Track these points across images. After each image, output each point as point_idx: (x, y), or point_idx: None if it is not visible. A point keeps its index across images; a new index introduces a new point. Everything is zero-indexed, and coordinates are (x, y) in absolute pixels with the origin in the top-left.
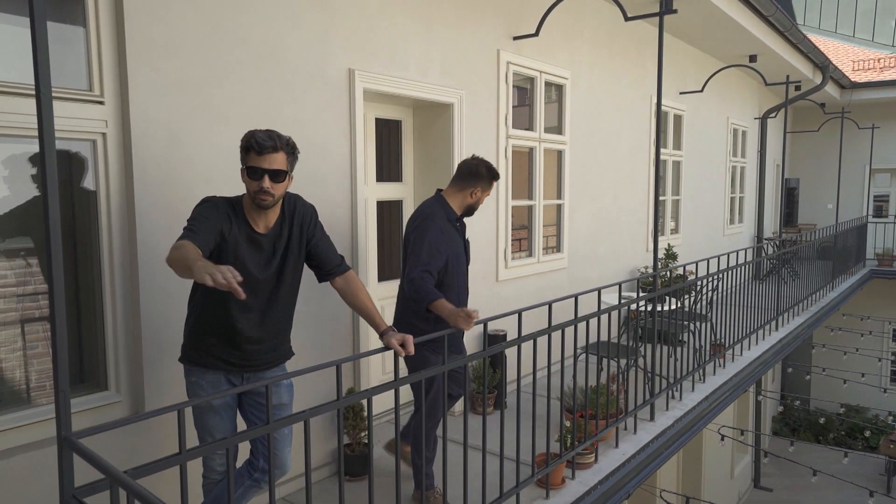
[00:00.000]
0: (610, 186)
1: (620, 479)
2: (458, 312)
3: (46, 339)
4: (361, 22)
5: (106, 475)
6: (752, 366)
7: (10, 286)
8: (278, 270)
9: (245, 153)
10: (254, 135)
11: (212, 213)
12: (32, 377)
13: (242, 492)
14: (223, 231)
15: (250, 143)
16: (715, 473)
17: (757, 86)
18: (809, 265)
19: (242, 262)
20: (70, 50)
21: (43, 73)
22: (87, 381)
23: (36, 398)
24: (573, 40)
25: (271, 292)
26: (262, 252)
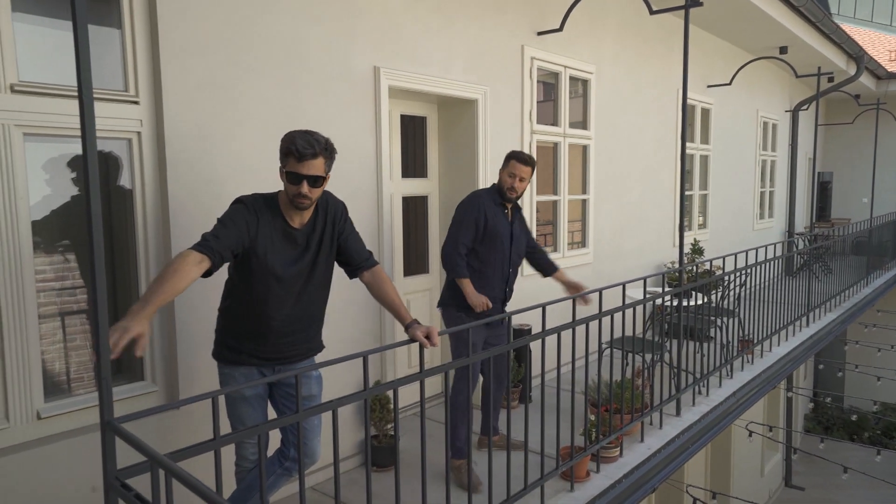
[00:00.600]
0: (636, 181)
1: (645, 473)
2: (479, 298)
3: (84, 332)
4: (385, 19)
5: (147, 457)
6: (781, 362)
7: (49, 281)
8: (311, 265)
9: (285, 157)
10: (294, 141)
11: (240, 217)
12: (72, 368)
13: (274, 480)
14: (251, 232)
15: (291, 150)
16: (744, 471)
17: (788, 77)
18: (843, 260)
19: (267, 249)
20: (107, 52)
21: (85, 76)
22: (124, 372)
23: (75, 388)
24: (598, 34)
25: (303, 287)
26: (297, 247)
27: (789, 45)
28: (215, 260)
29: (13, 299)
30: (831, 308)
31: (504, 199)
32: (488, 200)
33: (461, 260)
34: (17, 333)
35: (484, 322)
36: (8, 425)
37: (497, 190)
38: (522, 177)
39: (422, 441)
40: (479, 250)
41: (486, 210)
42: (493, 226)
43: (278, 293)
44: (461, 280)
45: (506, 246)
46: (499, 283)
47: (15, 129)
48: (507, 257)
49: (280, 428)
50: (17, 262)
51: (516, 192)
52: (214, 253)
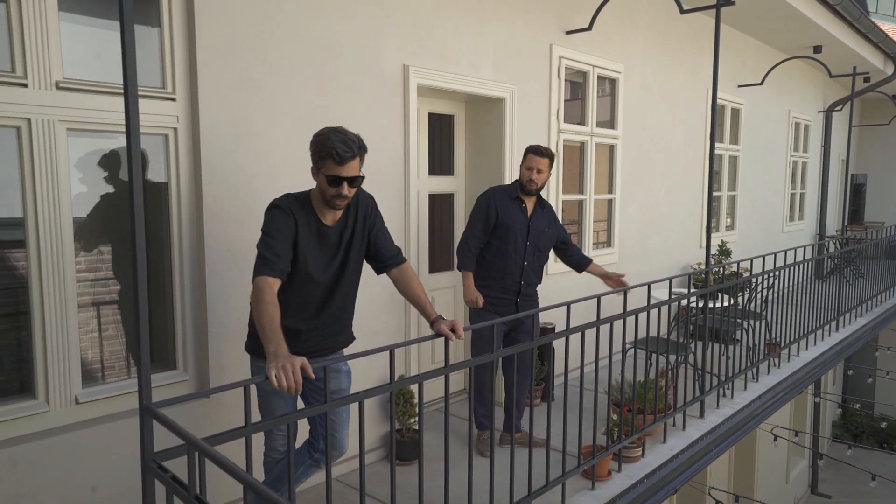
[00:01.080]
0: (662, 181)
1: (667, 474)
2: (471, 295)
3: (117, 323)
4: (415, 17)
5: (185, 441)
6: (809, 367)
7: (82, 272)
8: (343, 261)
9: (321, 159)
10: (332, 143)
11: (282, 223)
12: (107, 356)
13: (303, 471)
14: (293, 236)
15: (329, 153)
16: (769, 476)
17: (821, 77)
18: (876, 265)
19: (307, 257)
20: (145, 50)
21: (130, 73)
22: (157, 361)
23: (110, 375)
24: (627, 33)
25: (336, 283)
26: (329, 244)
27: (824, 45)
28: (284, 277)
29: (56, 289)
30: (862, 313)
31: (525, 193)
32: (502, 195)
33: (468, 253)
34: (58, 322)
35: (508, 319)
36: (48, 409)
37: (518, 185)
38: (540, 169)
39: (445, 435)
40: (492, 242)
41: (498, 204)
42: (504, 219)
43: (312, 291)
44: (463, 272)
45: (519, 239)
46: (513, 276)
47: (59, 125)
48: (522, 251)
49: (309, 421)
50: (60, 253)
51: (536, 185)
52: (283, 273)
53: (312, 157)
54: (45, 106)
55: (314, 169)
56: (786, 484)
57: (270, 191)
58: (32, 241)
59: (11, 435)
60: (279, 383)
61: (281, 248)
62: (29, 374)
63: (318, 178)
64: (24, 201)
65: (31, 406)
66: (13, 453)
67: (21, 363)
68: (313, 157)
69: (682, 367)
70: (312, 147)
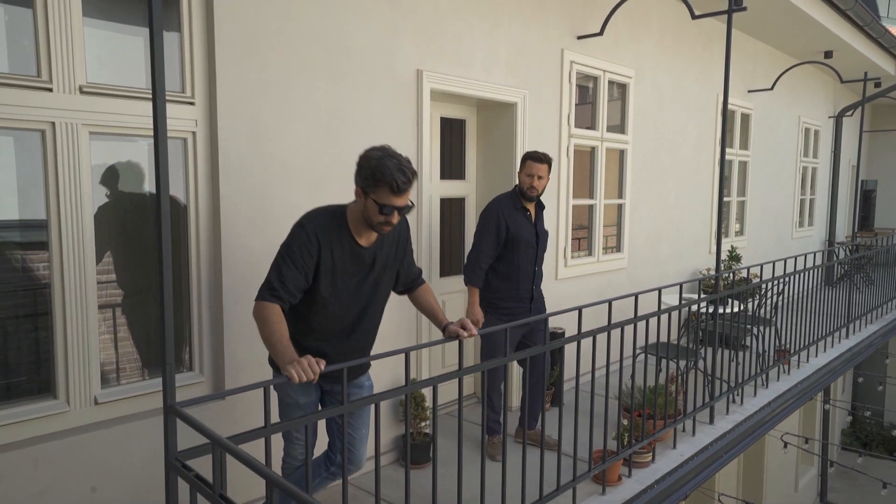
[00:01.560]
0: (672, 186)
1: (677, 479)
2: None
3: (135, 325)
4: (430, 21)
5: (210, 440)
6: (819, 373)
7: (99, 274)
8: (375, 284)
9: (373, 185)
10: (390, 172)
11: (304, 250)
12: (124, 358)
13: (319, 482)
14: (319, 259)
15: (387, 182)
16: (778, 484)
17: (832, 83)
18: (886, 271)
19: (336, 278)
20: (165, 54)
21: (159, 79)
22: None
23: (128, 377)
24: (638, 38)
25: (366, 304)
26: (363, 265)
27: (835, 50)
28: (286, 306)
29: (77, 290)
30: (872, 320)
31: (527, 200)
32: (508, 207)
33: (478, 269)
34: (79, 323)
35: (521, 323)
36: (69, 409)
37: (518, 192)
38: (540, 175)
39: (458, 438)
40: (505, 255)
41: (507, 217)
42: (514, 231)
43: (341, 313)
44: (469, 287)
45: (531, 247)
46: (525, 284)
47: (82, 129)
48: (533, 257)
49: (328, 434)
50: (81, 255)
51: (537, 191)
52: (285, 301)
53: (362, 179)
54: (69, 110)
55: (361, 191)
56: (795, 492)
57: (287, 193)
58: (55, 242)
59: (33, 434)
60: (300, 378)
61: (291, 278)
62: (50, 374)
63: (367, 202)
64: (47, 203)
65: (52, 406)
66: (35, 452)
67: (42, 364)
68: (364, 180)
69: (691, 372)
70: (364, 171)
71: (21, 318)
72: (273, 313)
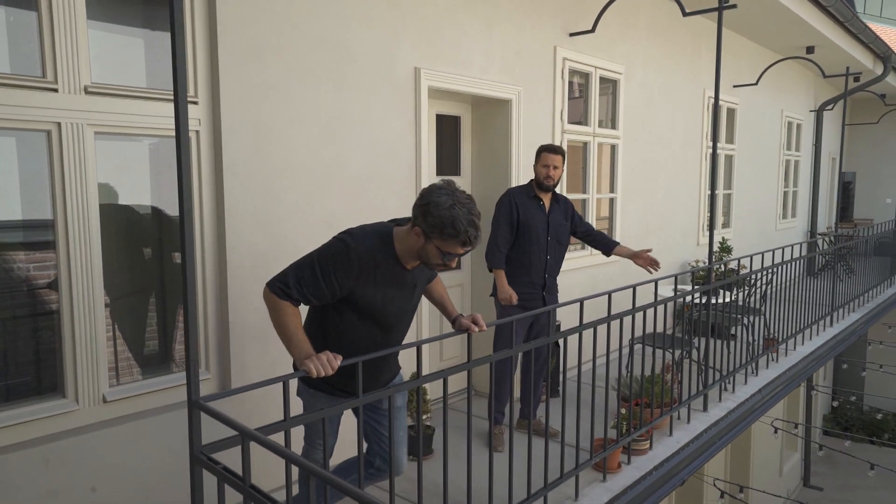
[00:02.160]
0: (662, 180)
1: (674, 466)
2: (506, 292)
3: (141, 323)
4: (428, 20)
5: (238, 431)
6: (805, 361)
7: None
8: (414, 301)
9: (441, 236)
10: (464, 227)
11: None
12: (132, 356)
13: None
14: (342, 290)
15: (460, 239)
16: (763, 469)
17: (813, 77)
18: (866, 261)
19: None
20: (169, 54)
21: (181, 81)
22: (181, 361)
23: (135, 375)
24: (628, 35)
25: (405, 319)
26: (405, 288)
27: (816, 45)
28: (296, 304)
29: (84, 290)
30: (854, 308)
31: (542, 190)
32: (521, 196)
33: (498, 252)
34: (87, 322)
35: (529, 315)
36: (77, 408)
37: (534, 183)
38: (556, 165)
39: (468, 429)
40: (516, 242)
41: (519, 205)
42: (526, 219)
43: (377, 331)
44: (496, 271)
45: (542, 236)
46: (538, 272)
47: (88, 129)
48: (544, 246)
49: (367, 439)
50: (88, 254)
51: (553, 180)
52: (294, 301)
53: (428, 226)
54: (75, 110)
55: (422, 233)
56: (779, 477)
57: (290, 192)
58: (62, 242)
59: (43, 433)
60: (318, 372)
61: (312, 288)
62: (58, 373)
63: (428, 245)
64: (53, 203)
65: (61, 405)
66: (45, 451)
67: (51, 363)
68: (431, 228)
69: (685, 362)
70: (432, 219)
71: (28, 318)
72: (285, 305)
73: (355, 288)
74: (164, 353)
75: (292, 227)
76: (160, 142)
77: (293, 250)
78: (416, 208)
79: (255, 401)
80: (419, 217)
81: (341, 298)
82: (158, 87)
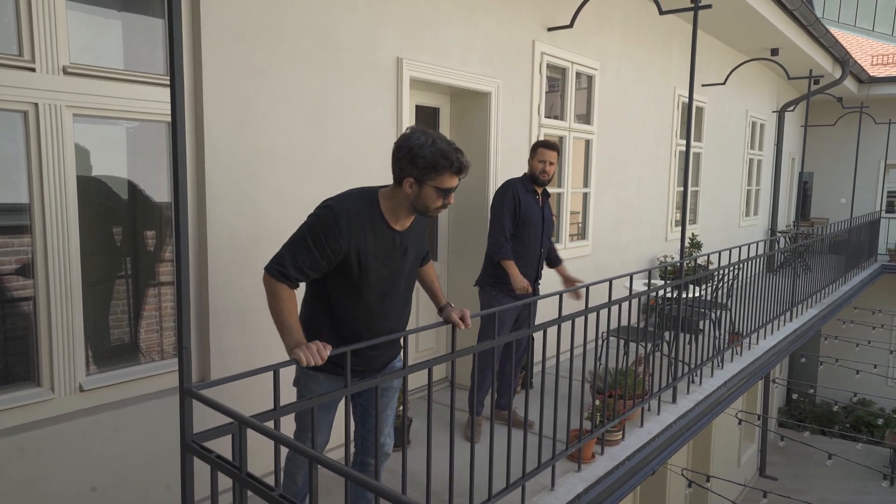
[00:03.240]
0: (633, 175)
1: (646, 456)
2: (522, 282)
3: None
4: (410, 9)
5: (233, 418)
6: (767, 355)
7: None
8: (410, 266)
9: (434, 171)
10: (453, 155)
11: (331, 240)
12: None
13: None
14: (336, 256)
15: (453, 167)
16: (723, 460)
17: (776, 79)
18: (822, 259)
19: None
20: (150, 37)
21: (178, 67)
22: (164, 350)
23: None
24: (604, 31)
25: (402, 288)
26: (396, 250)
27: (780, 48)
28: (294, 286)
29: (61, 276)
30: (812, 304)
31: (537, 184)
32: (520, 187)
33: (506, 243)
34: (63, 309)
35: (517, 304)
36: (53, 396)
37: (529, 177)
38: (551, 161)
39: (451, 420)
40: (515, 234)
41: (520, 196)
42: (525, 210)
43: (374, 299)
44: (506, 262)
45: (538, 228)
46: (533, 263)
47: (66, 111)
48: (539, 238)
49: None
50: (66, 239)
51: (548, 175)
52: (293, 282)
53: (419, 170)
54: (53, 91)
55: (414, 181)
56: (737, 467)
57: (272, 178)
58: (38, 226)
59: (18, 422)
60: (307, 362)
61: (308, 261)
62: (33, 361)
63: (423, 190)
64: (30, 186)
65: (36, 393)
66: (20, 440)
67: (26, 350)
68: (422, 170)
69: (655, 354)
70: (421, 160)
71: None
72: (282, 289)
73: (349, 250)
74: (136, 341)
75: (275, 213)
76: (139, 125)
77: (276, 236)
78: (401, 160)
79: (234, 391)
80: (407, 166)
81: (337, 267)
82: (136, 70)
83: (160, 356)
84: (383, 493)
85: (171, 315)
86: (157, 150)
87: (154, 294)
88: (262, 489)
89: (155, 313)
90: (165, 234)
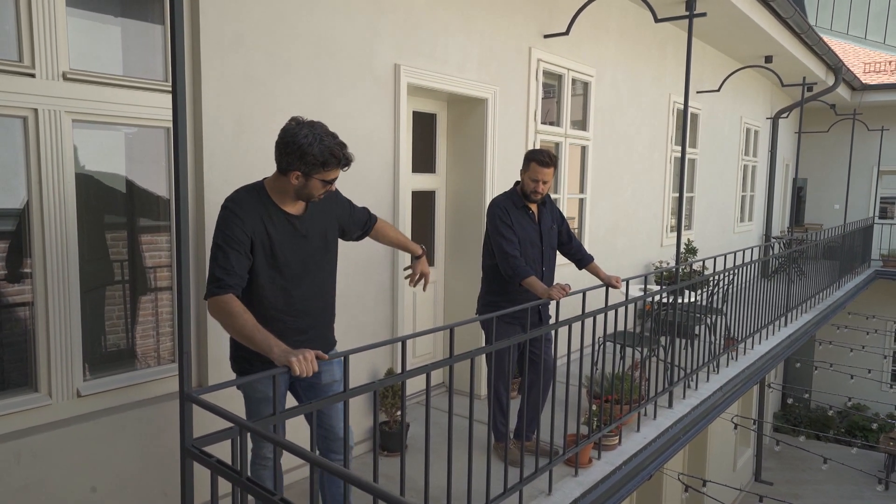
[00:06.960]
0: (629, 181)
1: (643, 460)
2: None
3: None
4: (408, 17)
5: (233, 423)
6: (762, 360)
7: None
8: (318, 248)
9: (317, 165)
10: (342, 152)
11: (235, 229)
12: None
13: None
14: (253, 237)
15: (339, 162)
16: (718, 465)
17: (770, 86)
18: (816, 264)
19: (279, 251)
20: (149, 43)
21: (179, 73)
22: (161, 356)
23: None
24: (600, 39)
25: (316, 271)
26: (299, 233)
27: (774, 55)
28: (238, 292)
29: (59, 282)
30: (807, 309)
31: (528, 201)
32: (509, 205)
33: (519, 259)
34: (61, 315)
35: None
36: (51, 402)
37: (520, 191)
38: (545, 180)
39: (449, 427)
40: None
41: (511, 214)
42: (518, 230)
43: (289, 286)
44: (528, 280)
45: (536, 247)
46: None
47: (65, 116)
48: (539, 258)
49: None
50: (64, 245)
51: (540, 195)
52: (235, 288)
53: (307, 166)
54: (52, 97)
55: (301, 175)
56: (733, 472)
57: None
58: (37, 232)
59: (15, 428)
60: (302, 373)
61: (234, 261)
62: (30, 367)
63: (310, 181)
64: (29, 191)
65: (34, 399)
66: (18, 446)
67: (23, 355)
68: (309, 166)
69: (651, 359)
70: (309, 157)
71: None
72: (231, 304)
73: (253, 237)
74: (134, 346)
75: None
76: (138, 131)
77: None
78: (289, 155)
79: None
80: (295, 162)
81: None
82: (135, 76)
83: (157, 361)
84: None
85: (168, 320)
86: (155, 155)
87: (151, 300)
88: (262, 493)
89: (152, 319)
90: (163, 240)
